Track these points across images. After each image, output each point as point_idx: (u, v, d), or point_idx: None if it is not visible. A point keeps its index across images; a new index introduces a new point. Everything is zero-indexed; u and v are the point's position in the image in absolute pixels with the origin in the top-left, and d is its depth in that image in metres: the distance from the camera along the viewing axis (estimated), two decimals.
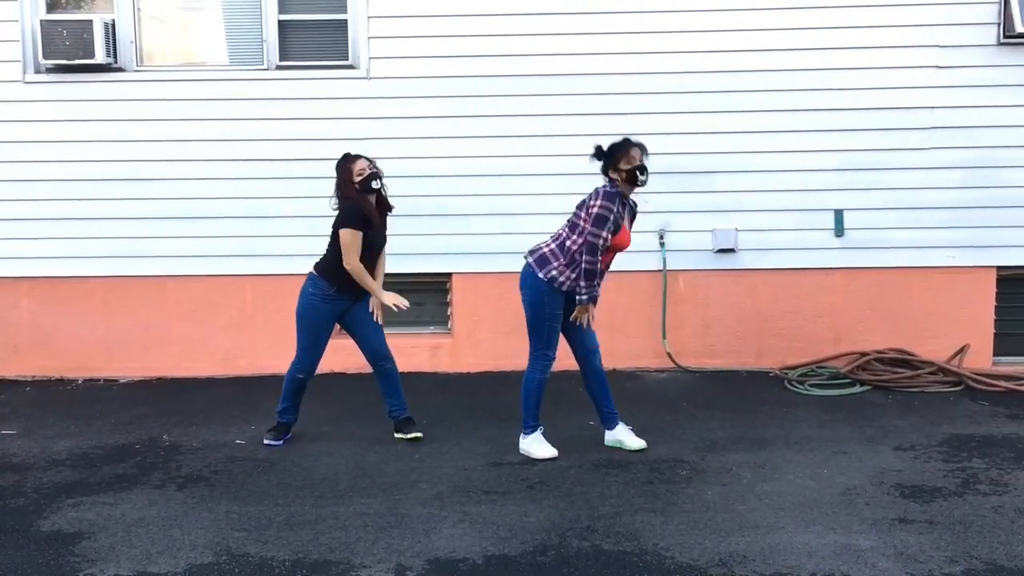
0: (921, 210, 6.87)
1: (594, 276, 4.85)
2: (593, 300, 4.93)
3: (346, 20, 6.91)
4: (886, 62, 6.77)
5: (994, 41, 6.71)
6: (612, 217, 4.79)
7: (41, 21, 6.79)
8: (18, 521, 4.24)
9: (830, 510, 4.23)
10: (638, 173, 4.80)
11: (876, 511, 4.21)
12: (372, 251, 5.22)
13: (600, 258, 4.84)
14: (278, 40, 6.92)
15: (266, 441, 5.33)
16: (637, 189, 4.91)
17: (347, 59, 6.93)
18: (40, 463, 5.10)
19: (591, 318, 5.03)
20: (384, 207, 5.32)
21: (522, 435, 5.14)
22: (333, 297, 5.21)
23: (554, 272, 4.89)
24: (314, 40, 6.99)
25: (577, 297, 4.87)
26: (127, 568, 3.73)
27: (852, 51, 6.77)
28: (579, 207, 4.92)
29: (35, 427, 5.81)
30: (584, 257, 4.82)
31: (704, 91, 6.81)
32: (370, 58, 6.90)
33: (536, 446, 5.09)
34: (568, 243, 4.90)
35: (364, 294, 5.29)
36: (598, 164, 4.94)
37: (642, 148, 4.89)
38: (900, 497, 4.39)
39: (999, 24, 6.68)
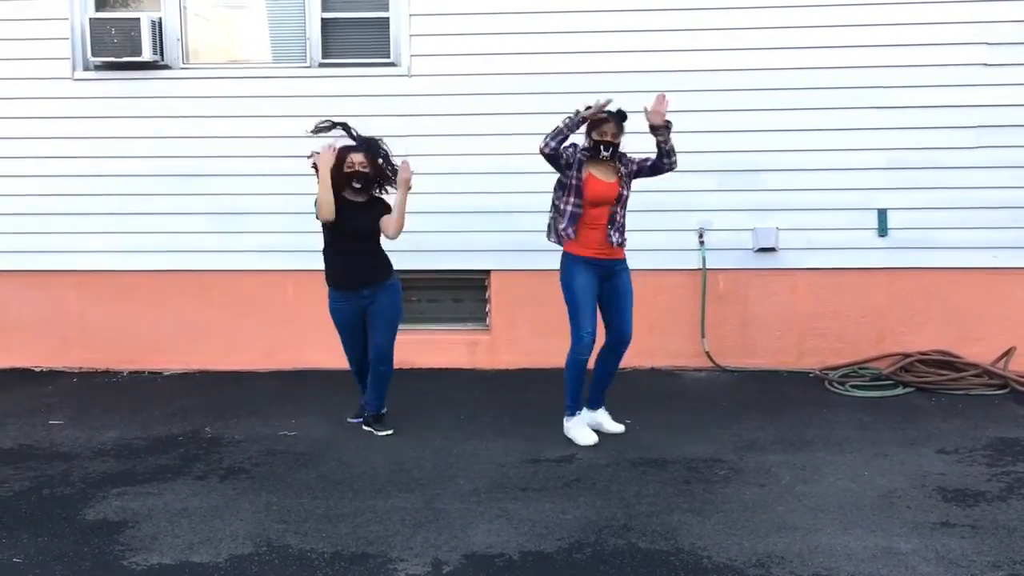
0: (967, 210, 6.76)
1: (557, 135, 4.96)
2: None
3: (388, 18, 6.95)
4: (933, 60, 6.66)
5: None
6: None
7: (90, 19, 6.90)
8: (65, 509, 4.34)
9: (870, 512, 4.19)
10: (602, 148, 5.02)
11: (917, 514, 4.16)
12: (354, 237, 5.29)
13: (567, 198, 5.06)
14: (321, 38, 6.98)
15: (348, 419, 5.66)
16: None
17: (389, 57, 6.97)
18: (86, 453, 5.20)
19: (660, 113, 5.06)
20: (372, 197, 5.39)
21: (565, 418, 5.20)
22: (338, 297, 5.38)
23: (555, 227, 5.10)
24: (356, 38, 7.04)
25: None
26: (170, 557, 3.80)
27: (899, 48, 6.66)
28: None
29: (81, 417, 5.93)
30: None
31: (749, 88, 6.75)
32: (412, 56, 6.93)
33: (577, 430, 5.15)
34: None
35: (375, 288, 5.34)
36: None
37: (616, 121, 5.03)
38: (942, 501, 4.33)
39: None
